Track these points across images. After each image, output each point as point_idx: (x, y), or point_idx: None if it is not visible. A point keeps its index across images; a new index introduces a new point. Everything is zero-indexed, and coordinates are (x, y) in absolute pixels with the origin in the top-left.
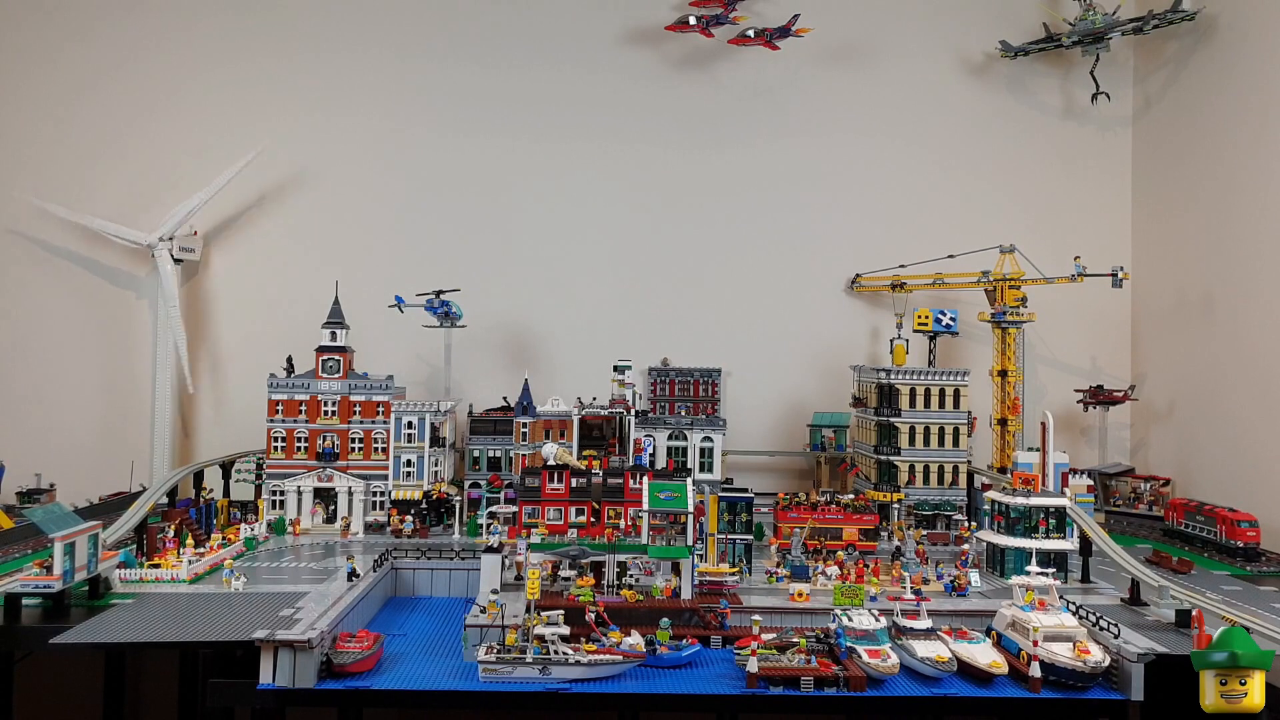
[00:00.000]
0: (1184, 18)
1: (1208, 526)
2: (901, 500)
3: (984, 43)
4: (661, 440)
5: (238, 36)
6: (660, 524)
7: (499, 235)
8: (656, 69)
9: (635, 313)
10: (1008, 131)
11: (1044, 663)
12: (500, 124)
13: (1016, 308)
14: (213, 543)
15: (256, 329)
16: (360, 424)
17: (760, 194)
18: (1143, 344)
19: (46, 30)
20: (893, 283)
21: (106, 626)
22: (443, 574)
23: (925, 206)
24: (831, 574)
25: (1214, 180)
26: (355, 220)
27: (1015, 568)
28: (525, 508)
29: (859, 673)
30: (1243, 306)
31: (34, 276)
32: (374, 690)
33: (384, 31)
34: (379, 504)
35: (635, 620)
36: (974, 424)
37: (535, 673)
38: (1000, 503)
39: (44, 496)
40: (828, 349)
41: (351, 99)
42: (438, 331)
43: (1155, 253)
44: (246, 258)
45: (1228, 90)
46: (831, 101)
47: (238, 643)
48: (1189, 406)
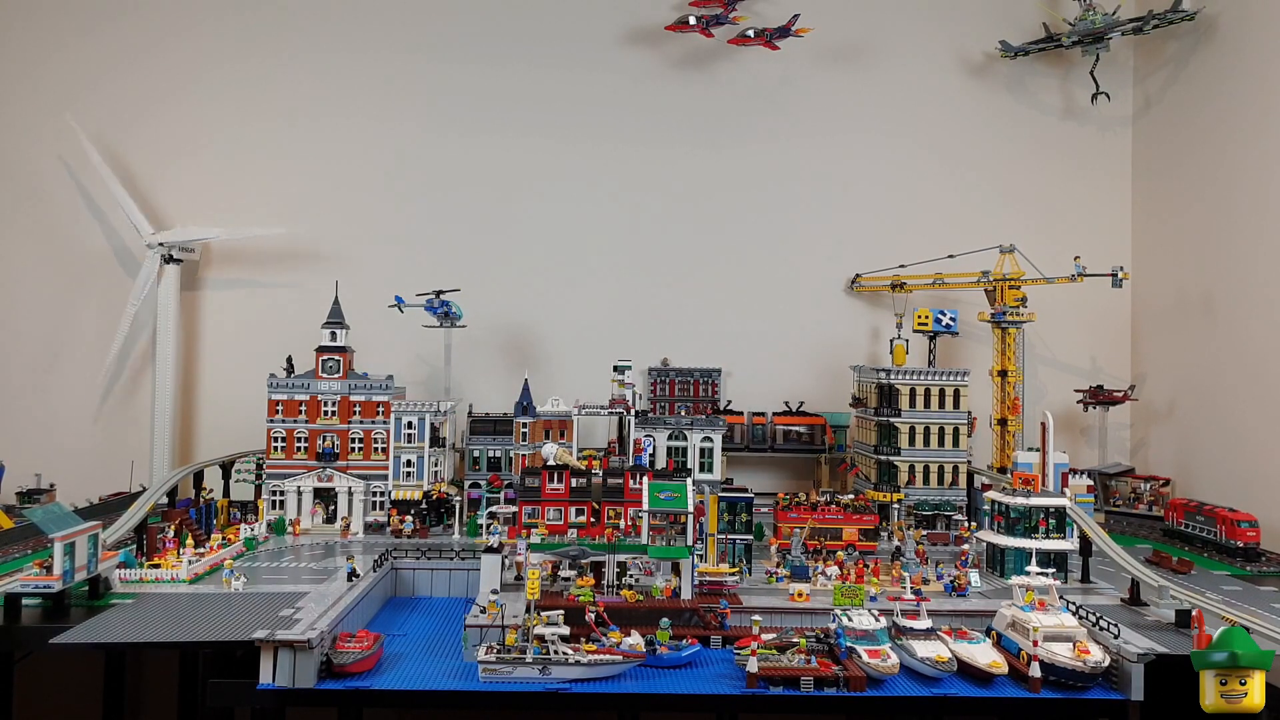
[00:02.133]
0: (1184, 18)
1: (1208, 526)
2: (901, 500)
3: (984, 43)
4: (661, 440)
5: (239, 34)
6: (660, 524)
7: (499, 235)
8: (656, 69)
9: (635, 313)
10: (1008, 131)
11: (1044, 663)
12: (500, 124)
13: (1016, 308)
14: (213, 543)
15: (256, 329)
16: (360, 424)
17: (760, 193)
18: (1143, 344)
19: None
20: (893, 283)
21: (106, 626)
22: (443, 574)
23: (925, 206)
24: (831, 574)
25: (1214, 180)
26: (355, 220)
27: (1015, 568)
28: (525, 508)
29: (859, 673)
30: (1243, 306)
31: (38, 269)
32: (374, 690)
33: (384, 31)
34: (379, 504)
35: (635, 620)
36: (974, 424)
37: (535, 673)
38: (1000, 503)
39: (44, 496)
40: (828, 349)
41: (351, 98)
42: (438, 331)
43: (1155, 253)
44: (246, 257)
45: (1228, 90)
46: (831, 101)
47: (238, 643)
48: (1189, 406)
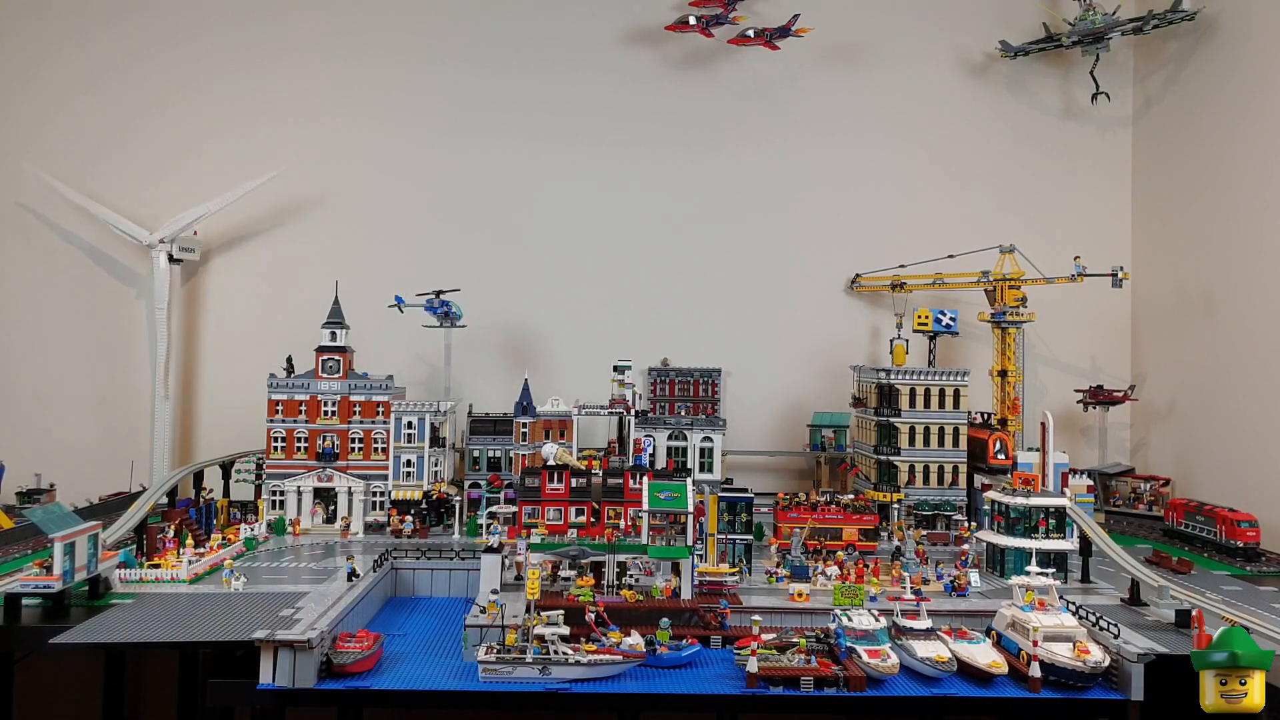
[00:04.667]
0: (1184, 18)
1: (1208, 526)
2: (901, 500)
3: (984, 43)
4: (661, 440)
5: (241, 36)
6: (660, 524)
7: (499, 235)
8: (656, 69)
9: (635, 313)
10: (1008, 131)
11: (1044, 663)
12: (500, 123)
13: (1016, 308)
14: (213, 543)
15: (256, 329)
16: (360, 424)
17: (760, 193)
18: (1143, 344)
19: (62, 18)
20: (893, 283)
21: (106, 626)
22: (443, 574)
23: (925, 206)
24: (831, 574)
25: (1214, 180)
26: (355, 220)
27: (1015, 568)
28: (525, 508)
29: (859, 673)
30: (1243, 306)
31: (35, 269)
32: (374, 690)
33: (383, 32)
34: (379, 504)
35: (635, 620)
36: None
37: (535, 673)
38: (1000, 503)
39: (44, 496)
40: (828, 349)
41: (351, 99)
42: (438, 331)
43: (1155, 253)
44: (247, 257)
45: (1228, 90)
46: (831, 101)
47: (238, 643)
48: (1189, 406)
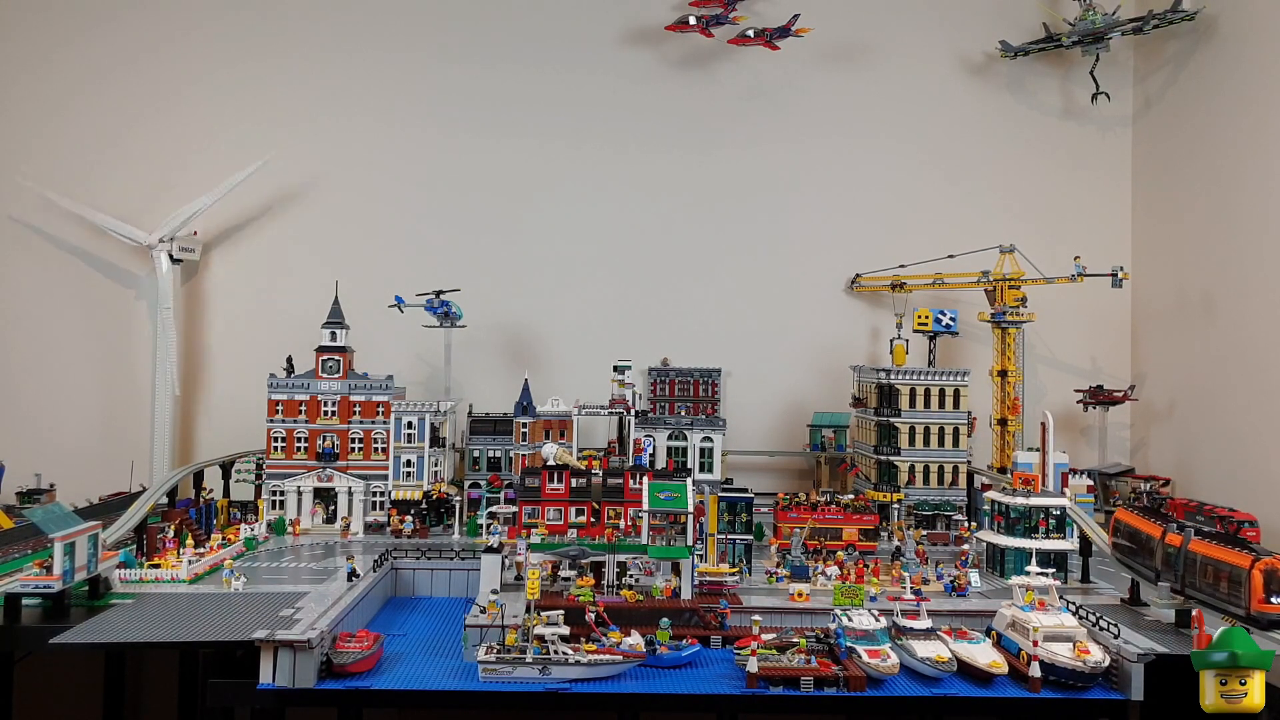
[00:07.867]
0: (1184, 18)
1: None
2: (901, 500)
3: (984, 43)
4: (661, 440)
5: (239, 37)
6: (660, 524)
7: (499, 235)
8: (656, 69)
9: (635, 313)
10: (1008, 132)
11: (1044, 663)
12: (500, 124)
13: (1016, 308)
14: (213, 543)
15: (256, 329)
16: (360, 424)
17: (760, 193)
18: (1143, 344)
19: (55, 22)
20: (893, 283)
21: (106, 626)
22: (443, 574)
23: (925, 206)
24: (831, 574)
25: (1214, 180)
26: (355, 220)
27: (1015, 568)
28: (525, 508)
29: (859, 673)
30: (1243, 306)
31: (34, 271)
32: (374, 690)
33: (383, 32)
34: (379, 504)
35: (635, 620)
36: (974, 424)
37: (535, 673)
38: (1000, 503)
39: (44, 496)
40: (828, 349)
41: (351, 99)
42: (438, 331)
43: (1155, 253)
44: (246, 257)
45: (1228, 90)
46: (831, 101)
47: (238, 643)
48: (1189, 406)
